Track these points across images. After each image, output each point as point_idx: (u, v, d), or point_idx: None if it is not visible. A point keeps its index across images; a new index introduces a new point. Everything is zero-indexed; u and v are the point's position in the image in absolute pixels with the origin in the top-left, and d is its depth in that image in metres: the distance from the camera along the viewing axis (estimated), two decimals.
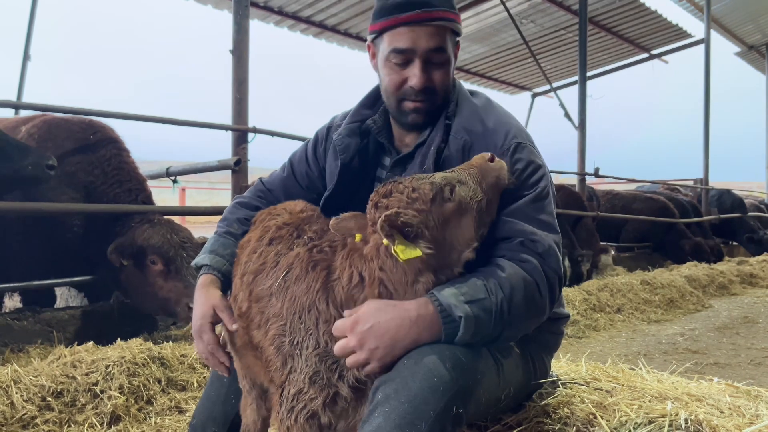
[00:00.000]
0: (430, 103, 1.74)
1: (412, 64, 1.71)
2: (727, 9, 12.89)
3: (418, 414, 1.29)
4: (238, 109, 4.85)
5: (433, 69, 1.72)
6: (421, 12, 1.65)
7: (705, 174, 12.24)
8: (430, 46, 1.68)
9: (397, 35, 1.69)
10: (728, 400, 1.81)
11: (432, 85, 1.72)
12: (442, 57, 1.72)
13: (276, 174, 2.10)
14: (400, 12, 1.66)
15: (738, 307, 6.84)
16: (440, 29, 1.69)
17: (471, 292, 1.40)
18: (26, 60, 7.58)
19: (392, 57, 1.71)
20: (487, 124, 1.72)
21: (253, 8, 8.41)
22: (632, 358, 4.20)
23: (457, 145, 1.70)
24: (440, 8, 1.67)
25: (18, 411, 2.38)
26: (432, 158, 1.69)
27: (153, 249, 3.68)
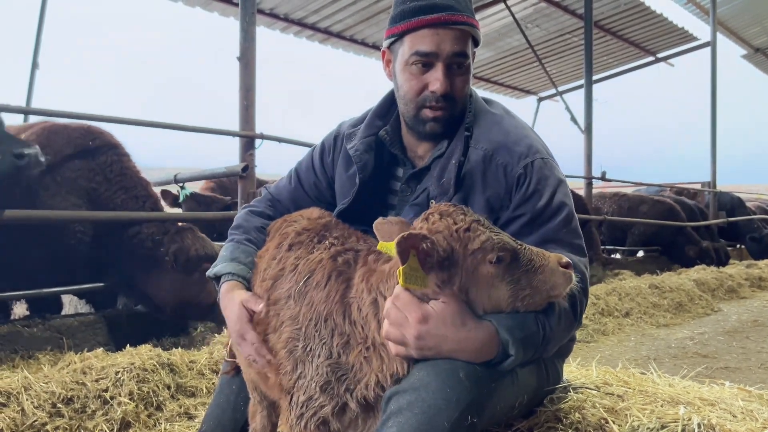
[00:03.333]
0: (449, 111, 1.70)
1: (433, 69, 1.67)
2: (733, 11, 12.84)
3: (433, 425, 1.29)
4: (245, 116, 4.87)
5: (454, 75, 1.68)
6: (447, 15, 1.63)
7: (712, 177, 12.19)
8: (455, 50, 1.65)
9: (419, 38, 1.65)
10: (741, 404, 1.80)
11: (453, 92, 1.68)
12: (464, 63, 1.69)
13: (282, 185, 2.07)
14: (424, 14, 1.63)
15: (747, 310, 6.80)
16: (464, 34, 1.66)
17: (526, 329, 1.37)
18: (35, 68, 7.62)
19: (413, 60, 1.67)
20: (508, 135, 1.69)
21: (260, 15, 8.44)
22: (642, 362, 4.18)
23: (478, 156, 1.67)
24: (464, 13, 1.65)
25: (29, 418, 2.39)
26: (453, 172, 1.66)
27: (206, 257, 3.81)
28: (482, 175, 1.65)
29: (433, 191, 1.69)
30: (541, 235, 1.59)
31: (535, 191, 1.61)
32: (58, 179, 3.72)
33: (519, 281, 1.32)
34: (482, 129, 1.71)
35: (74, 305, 4.93)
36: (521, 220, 1.62)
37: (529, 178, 1.61)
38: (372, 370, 1.40)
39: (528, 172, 1.62)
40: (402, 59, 1.71)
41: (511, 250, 1.32)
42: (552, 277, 1.33)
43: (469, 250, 1.31)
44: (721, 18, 12.57)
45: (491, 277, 1.31)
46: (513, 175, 1.62)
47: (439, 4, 1.63)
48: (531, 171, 1.62)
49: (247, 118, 4.87)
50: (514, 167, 1.62)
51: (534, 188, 1.61)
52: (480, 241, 1.31)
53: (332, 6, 9.26)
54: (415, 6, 1.65)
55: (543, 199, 1.61)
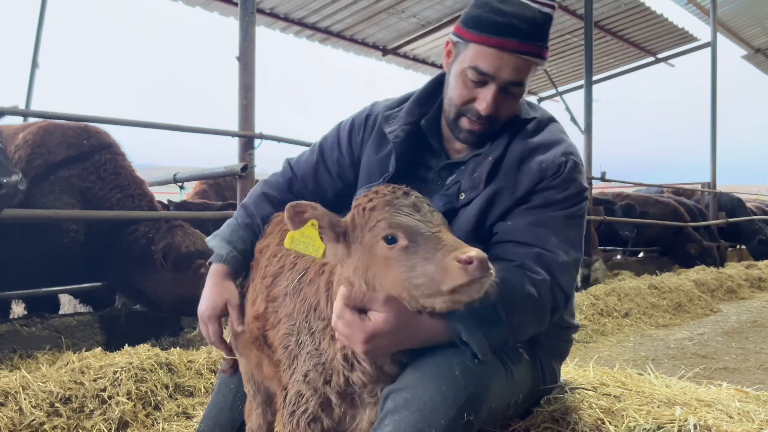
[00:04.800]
0: (488, 128, 1.68)
1: (486, 87, 1.63)
2: (734, 12, 12.83)
3: (429, 422, 1.29)
4: (244, 116, 4.87)
5: (505, 98, 1.65)
6: (516, 42, 1.57)
7: (712, 178, 12.17)
8: (512, 79, 1.61)
9: (483, 54, 1.61)
10: (737, 405, 1.80)
11: (497, 113, 1.66)
12: (518, 90, 1.66)
13: (305, 159, 2.02)
14: (496, 34, 1.57)
15: (747, 311, 6.80)
16: (527, 64, 1.62)
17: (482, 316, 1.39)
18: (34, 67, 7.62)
19: (470, 73, 1.63)
20: (547, 138, 1.69)
21: (260, 15, 8.44)
22: (640, 363, 4.18)
23: (515, 154, 1.66)
24: (535, 42, 1.60)
25: (26, 417, 2.39)
26: (486, 167, 1.65)
27: (199, 254, 3.80)
28: (516, 172, 1.65)
29: (464, 184, 1.69)
30: (536, 219, 1.60)
31: (556, 186, 1.62)
32: (51, 178, 3.71)
33: (414, 268, 1.25)
34: (524, 132, 1.70)
35: (73, 305, 4.93)
36: (531, 203, 1.63)
37: (557, 174, 1.62)
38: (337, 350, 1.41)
39: (560, 170, 1.63)
40: (461, 64, 1.66)
41: (408, 233, 1.27)
42: (442, 271, 1.21)
43: (368, 227, 1.31)
44: (721, 18, 12.56)
45: (384, 257, 1.29)
46: (545, 170, 1.63)
47: (515, 27, 1.57)
48: (563, 169, 1.63)
49: (247, 117, 4.87)
50: (549, 165, 1.63)
51: (557, 183, 1.62)
52: (376, 219, 1.31)
53: (332, 6, 9.26)
54: (492, 20, 1.58)
55: (560, 195, 1.62)
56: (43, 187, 3.56)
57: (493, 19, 1.58)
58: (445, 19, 10.19)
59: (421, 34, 10.69)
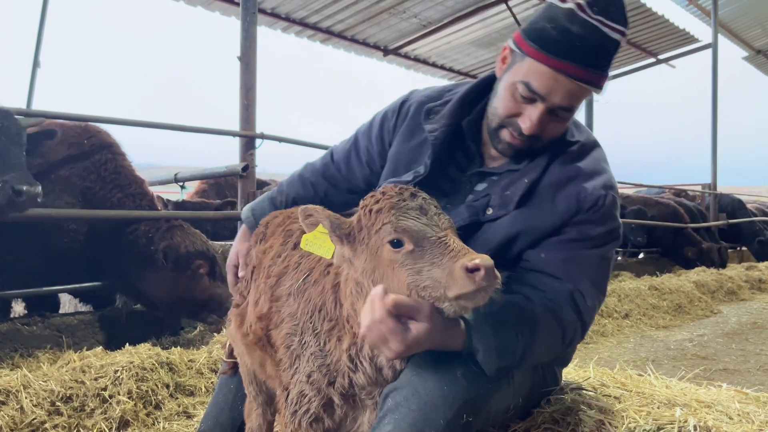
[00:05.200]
0: (527, 146, 1.62)
1: (533, 105, 1.56)
2: (735, 13, 12.84)
3: (428, 422, 1.29)
4: (245, 116, 4.88)
5: (550, 120, 1.58)
6: (575, 68, 1.48)
7: (713, 179, 12.18)
8: (563, 104, 1.54)
9: (537, 72, 1.52)
10: (737, 406, 1.80)
11: (540, 134, 1.59)
12: (566, 115, 1.59)
13: (342, 144, 2.06)
14: (555, 54, 1.49)
15: (747, 312, 6.80)
16: (582, 91, 1.54)
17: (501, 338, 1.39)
18: (36, 67, 7.63)
19: (520, 87, 1.55)
20: (588, 165, 1.63)
21: (261, 15, 8.44)
22: (640, 364, 4.18)
23: (553, 179, 1.60)
24: (596, 70, 1.51)
25: (27, 416, 2.39)
26: (521, 189, 1.59)
27: (198, 254, 3.82)
28: (552, 198, 1.59)
29: (494, 199, 1.63)
30: (571, 254, 1.56)
31: (593, 221, 1.58)
32: (51, 177, 3.71)
33: (420, 272, 1.25)
34: (565, 155, 1.64)
35: (74, 304, 4.94)
36: (565, 236, 1.58)
37: (596, 208, 1.57)
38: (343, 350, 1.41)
39: (598, 204, 1.57)
40: (513, 76, 1.58)
41: (414, 237, 1.27)
42: (449, 277, 1.21)
43: (374, 229, 1.31)
44: (722, 20, 12.56)
45: (390, 261, 1.28)
46: (583, 203, 1.57)
47: (577, 50, 1.48)
48: (601, 204, 1.58)
49: (248, 117, 4.88)
50: (588, 196, 1.57)
51: (594, 218, 1.58)
52: (381, 222, 1.30)
53: (334, 6, 9.26)
54: (555, 39, 1.49)
55: (596, 230, 1.58)
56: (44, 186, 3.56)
57: (556, 38, 1.49)
58: (446, 20, 10.20)
59: (423, 34, 10.69)
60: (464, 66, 12.63)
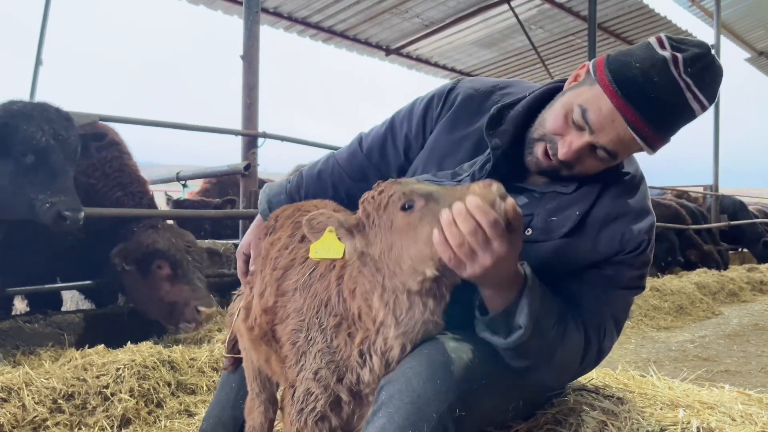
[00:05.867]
0: (555, 169, 1.58)
1: (579, 134, 1.50)
2: (738, 15, 12.82)
3: (421, 415, 1.29)
4: (248, 115, 4.89)
5: (589, 156, 1.52)
6: (638, 117, 1.42)
7: (715, 180, 12.17)
8: (608, 147, 1.48)
9: (599, 104, 1.46)
10: (740, 407, 1.80)
11: (573, 165, 1.54)
12: (607, 158, 1.52)
13: (375, 131, 1.97)
14: (625, 96, 1.42)
15: (748, 314, 6.80)
16: (634, 143, 1.46)
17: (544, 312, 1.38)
18: (38, 64, 7.63)
19: (576, 110, 1.49)
20: (636, 202, 1.59)
21: (263, 14, 8.45)
22: (642, 365, 4.18)
23: (601, 213, 1.56)
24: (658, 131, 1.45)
25: (29, 413, 2.39)
26: (572, 221, 1.55)
27: (159, 254, 3.66)
28: (597, 233, 1.56)
29: (536, 221, 1.58)
30: (605, 293, 1.56)
31: (631, 264, 1.57)
32: None
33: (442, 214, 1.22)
34: (616, 187, 1.60)
35: (75, 301, 4.94)
36: (603, 271, 1.57)
37: (637, 253, 1.56)
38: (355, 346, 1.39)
39: (640, 249, 1.56)
40: (575, 97, 1.53)
41: (424, 195, 1.27)
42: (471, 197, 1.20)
43: (382, 207, 1.31)
44: (725, 21, 12.55)
45: (407, 225, 1.27)
46: (626, 244, 1.55)
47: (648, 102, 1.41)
48: (642, 249, 1.56)
49: (250, 116, 4.89)
50: (632, 239, 1.55)
51: (632, 261, 1.57)
52: (388, 196, 1.31)
53: (336, 5, 9.27)
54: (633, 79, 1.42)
55: (631, 273, 1.58)
56: None
57: (634, 79, 1.42)
58: (448, 20, 10.20)
59: (425, 34, 10.70)
60: (466, 66, 12.63)
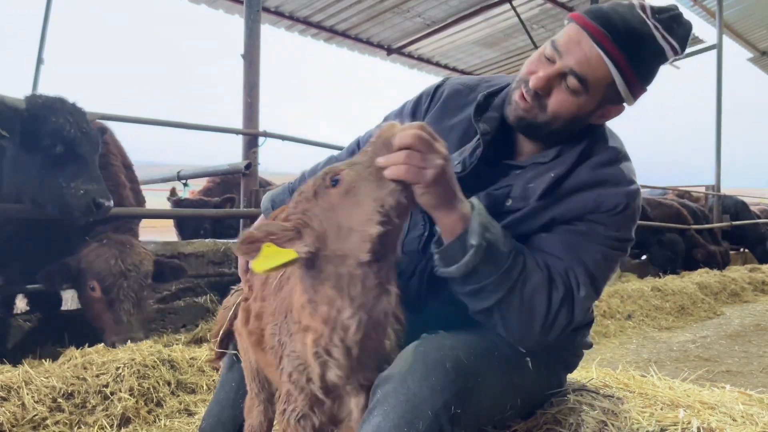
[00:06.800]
0: (531, 110, 1.55)
1: (551, 65, 1.51)
2: (740, 15, 12.80)
3: (416, 413, 1.29)
4: (248, 114, 4.89)
5: (561, 88, 1.51)
6: (603, 33, 1.44)
7: (716, 180, 12.15)
8: (574, 68, 1.48)
9: (567, 31, 1.52)
10: (741, 408, 1.79)
11: (545, 96, 1.53)
12: (577, 87, 1.49)
13: (371, 133, 1.95)
14: (592, 17, 1.47)
15: (750, 314, 6.78)
16: (601, 65, 1.46)
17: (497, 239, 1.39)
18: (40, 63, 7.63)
19: (547, 47, 1.53)
20: (616, 172, 1.57)
21: (264, 13, 8.45)
22: (643, 365, 4.17)
23: (578, 180, 1.55)
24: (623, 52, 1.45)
25: (29, 412, 2.39)
26: (545, 183, 1.53)
27: (93, 274, 3.39)
28: (570, 198, 1.54)
29: (515, 191, 1.58)
30: (574, 241, 1.51)
31: (606, 223, 1.52)
32: None
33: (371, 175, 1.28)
34: (595, 158, 1.57)
35: (75, 300, 4.94)
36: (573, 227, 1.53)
37: (612, 212, 1.52)
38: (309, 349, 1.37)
39: (616, 209, 1.52)
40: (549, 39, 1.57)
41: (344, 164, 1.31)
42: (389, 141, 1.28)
43: (315, 197, 1.32)
44: (727, 21, 12.53)
45: (343, 195, 1.29)
46: (600, 204, 1.52)
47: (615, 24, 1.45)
48: (619, 210, 1.52)
49: (251, 115, 4.89)
50: (606, 200, 1.52)
51: (608, 221, 1.52)
52: (314, 185, 1.33)
53: (337, 5, 9.27)
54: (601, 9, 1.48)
55: (606, 232, 1.52)
56: None
57: (604, 10, 1.48)
58: (450, 19, 10.20)
59: (426, 33, 10.70)
60: (468, 65, 12.62)
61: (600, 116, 1.59)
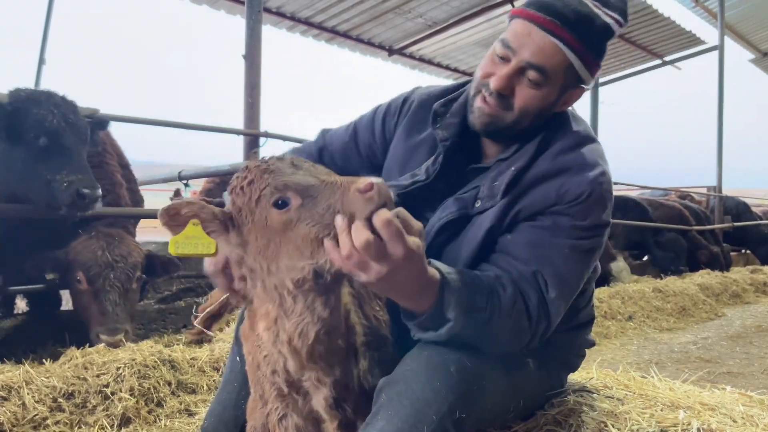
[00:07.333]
0: (498, 112, 1.55)
1: (507, 64, 1.51)
2: (742, 16, 12.79)
3: (421, 417, 1.29)
4: (250, 114, 4.88)
5: (522, 84, 1.52)
6: (550, 21, 1.46)
7: (718, 182, 12.13)
8: (531, 60, 1.48)
9: (514, 27, 1.52)
10: (741, 409, 1.79)
11: (510, 96, 1.53)
12: (538, 79, 1.50)
13: (339, 134, 1.95)
14: (536, 8, 1.48)
15: (751, 315, 6.77)
16: (556, 51, 1.48)
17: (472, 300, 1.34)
18: (41, 64, 7.64)
19: (497, 46, 1.53)
20: (578, 157, 1.54)
21: (266, 14, 8.45)
22: (644, 366, 4.17)
23: (540, 170, 1.53)
24: (573, 33, 1.47)
25: (29, 412, 2.39)
26: (507, 177, 1.53)
27: (79, 265, 3.36)
28: (533, 189, 1.53)
29: (482, 191, 1.58)
30: (537, 239, 1.48)
31: (571, 214, 1.49)
32: None
33: (322, 218, 1.16)
34: (556, 146, 1.56)
35: None
36: (537, 222, 1.51)
37: (576, 202, 1.50)
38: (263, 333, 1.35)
39: (580, 199, 1.49)
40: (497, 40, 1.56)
41: (298, 189, 1.19)
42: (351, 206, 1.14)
43: (253, 201, 1.22)
44: (729, 22, 12.51)
45: (283, 224, 1.19)
46: (563, 196, 1.50)
47: (556, 9, 1.46)
48: (583, 199, 1.49)
49: (252, 116, 4.88)
50: (570, 190, 1.50)
51: (573, 212, 1.49)
52: (259, 189, 1.21)
53: (339, 5, 9.26)
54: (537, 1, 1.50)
55: (569, 223, 1.49)
56: None
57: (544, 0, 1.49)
58: (451, 20, 10.18)
59: (428, 34, 10.69)
60: (469, 66, 12.61)
61: (563, 103, 1.60)
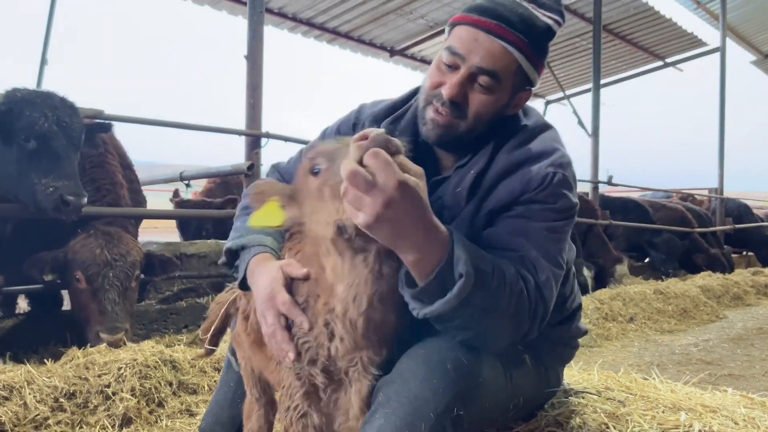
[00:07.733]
0: (452, 122, 1.54)
1: (456, 72, 1.51)
2: (743, 17, 12.79)
3: (418, 415, 1.29)
4: (251, 115, 4.88)
5: (474, 90, 1.52)
6: (495, 24, 1.47)
7: (720, 183, 12.14)
8: (481, 65, 1.48)
9: (458, 34, 1.52)
10: (743, 411, 1.79)
11: (463, 103, 1.52)
12: (491, 83, 1.50)
13: (292, 164, 1.93)
14: (478, 14, 1.50)
15: (753, 317, 6.77)
16: (504, 54, 1.48)
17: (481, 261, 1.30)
18: (43, 64, 7.66)
19: (444, 55, 1.53)
20: (534, 147, 1.55)
21: (268, 14, 8.46)
22: (645, 368, 4.16)
23: (498, 168, 1.54)
24: (519, 35, 1.48)
25: (31, 412, 2.40)
26: (468, 182, 1.54)
27: (78, 264, 3.34)
28: (496, 187, 1.53)
29: (446, 200, 1.58)
30: (518, 228, 1.47)
31: (539, 200, 1.50)
32: None
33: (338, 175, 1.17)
34: (511, 142, 1.57)
35: None
36: (511, 212, 1.50)
37: (542, 187, 1.49)
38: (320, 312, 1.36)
39: (545, 183, 1.49)
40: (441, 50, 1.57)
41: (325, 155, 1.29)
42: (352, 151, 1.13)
43: (303, 174, 1.36)
44: (730, 24, 12.52)
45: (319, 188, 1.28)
46: (527, 183, 1.50)
47: (499, 12, 1.48)
48: (548, 183, 1.49)
49: (254, 116, 4.88)
50: (533, 177, 1.50)
51: (540, 197, 1.49)
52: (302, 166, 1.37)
53: (341, 6, 9.28)
54: (480, 4, 1.52)
55: (541, 208, 1.50)
56: None
57: (483, 4, 1.51)
58: None
59: (429, 35, 10.71)
60: None
61: (514, 106, 1.61)
